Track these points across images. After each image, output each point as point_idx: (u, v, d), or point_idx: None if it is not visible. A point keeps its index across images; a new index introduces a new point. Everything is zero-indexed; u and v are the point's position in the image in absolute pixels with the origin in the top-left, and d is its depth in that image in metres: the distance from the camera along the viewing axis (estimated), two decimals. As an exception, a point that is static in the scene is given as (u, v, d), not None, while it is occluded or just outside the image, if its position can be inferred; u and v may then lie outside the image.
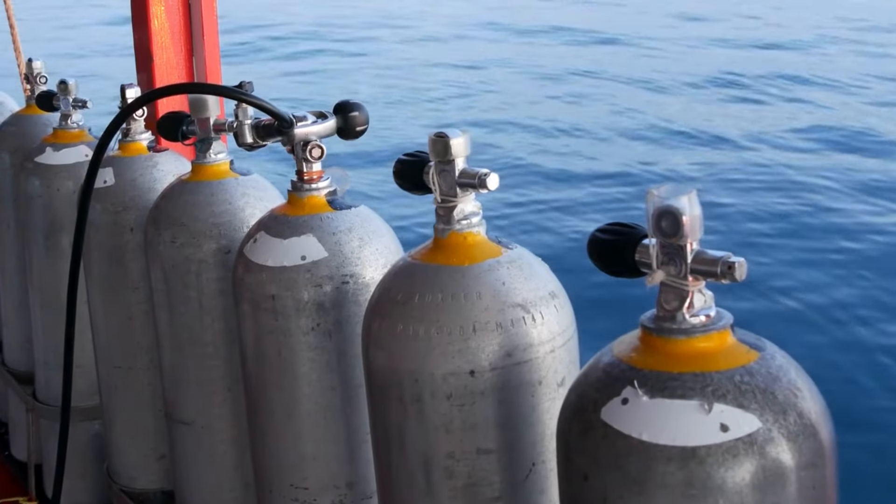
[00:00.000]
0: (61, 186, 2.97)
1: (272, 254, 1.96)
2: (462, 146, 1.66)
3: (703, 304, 1.34)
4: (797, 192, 10.55)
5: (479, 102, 15.60)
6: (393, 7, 25.30)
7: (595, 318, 5.91)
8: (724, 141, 12.69)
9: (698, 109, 14.42)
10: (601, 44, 19.82)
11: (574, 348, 1.68)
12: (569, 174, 11.61)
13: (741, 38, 19.69)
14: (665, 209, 1.31)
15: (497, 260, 1.64)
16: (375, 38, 21.16)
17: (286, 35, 21.54)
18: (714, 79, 16.19)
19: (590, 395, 1.33)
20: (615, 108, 14.71)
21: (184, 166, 2.59)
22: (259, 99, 2.00)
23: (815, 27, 20.54)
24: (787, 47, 18.73)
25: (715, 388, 1.26)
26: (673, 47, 19.04)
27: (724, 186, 10.74)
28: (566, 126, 13.75)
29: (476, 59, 18.65)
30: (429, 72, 17.84)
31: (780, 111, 14.27)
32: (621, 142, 12.98)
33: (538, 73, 17.36)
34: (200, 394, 2.33)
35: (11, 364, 3.47)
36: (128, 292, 2.62)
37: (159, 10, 3.17)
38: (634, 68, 17.19)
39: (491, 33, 21.45)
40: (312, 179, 2.02)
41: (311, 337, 1.94)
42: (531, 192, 10.90)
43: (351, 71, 18.09)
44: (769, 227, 9.63)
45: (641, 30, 20.63)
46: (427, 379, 1.60)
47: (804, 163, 11.65)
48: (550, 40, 20.27)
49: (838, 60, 17.43)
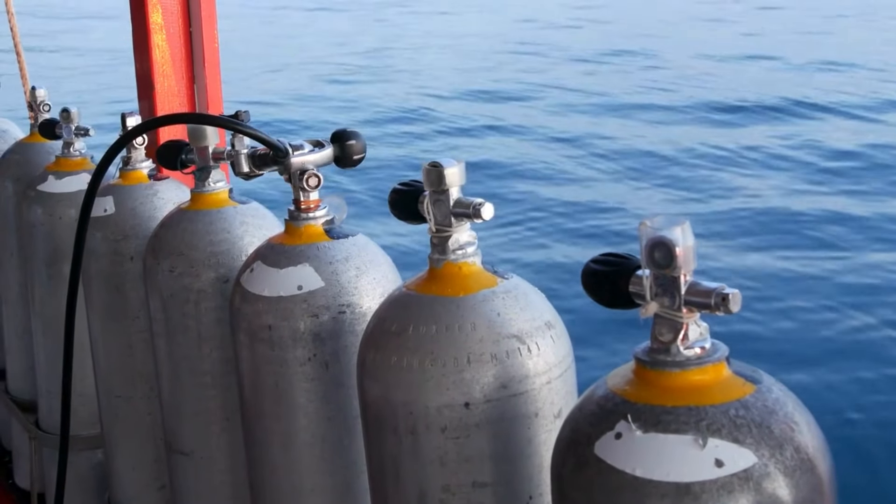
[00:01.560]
0: (63, 214, 2.96)
1: (269, 284, 1.95)
2: (456, 176, 1.65)
3: (697, 336, 1.32)
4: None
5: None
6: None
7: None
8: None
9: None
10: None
11: (571, 379, 1.66)
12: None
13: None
14: (658, 240, 1.29)
15: (492, 290, 1.63)
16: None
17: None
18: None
19: (583, 428, 1.31)
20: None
21: (185, 195, 2.58)
22: (254, 129, 2.00)
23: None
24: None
25: (710, 422, 1.24)
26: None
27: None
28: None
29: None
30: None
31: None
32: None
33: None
34: (199, 424, 2.32)
35: (15, 392, 3.46)
36: (128, 321, 2.62)
37: (160, 39, 3.17)
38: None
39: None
40: (309, 208, 2.01)
41: (308, 367, 1.92)
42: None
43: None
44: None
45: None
46: (421, 411, 1.58)
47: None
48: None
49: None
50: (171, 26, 3.19)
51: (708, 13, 27.50)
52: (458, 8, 31.05)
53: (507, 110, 16.68)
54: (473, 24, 27.46)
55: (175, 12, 3.20)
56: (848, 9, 27.08)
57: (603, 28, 25.92)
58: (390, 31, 26.49)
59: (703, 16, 27.12)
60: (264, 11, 31.07)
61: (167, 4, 3.18)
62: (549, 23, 26.69)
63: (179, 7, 3.20)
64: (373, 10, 30.94)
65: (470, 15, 29.74)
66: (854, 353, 7.59)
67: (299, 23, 29.04)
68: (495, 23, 27.31)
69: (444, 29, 26.63)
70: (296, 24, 28.93)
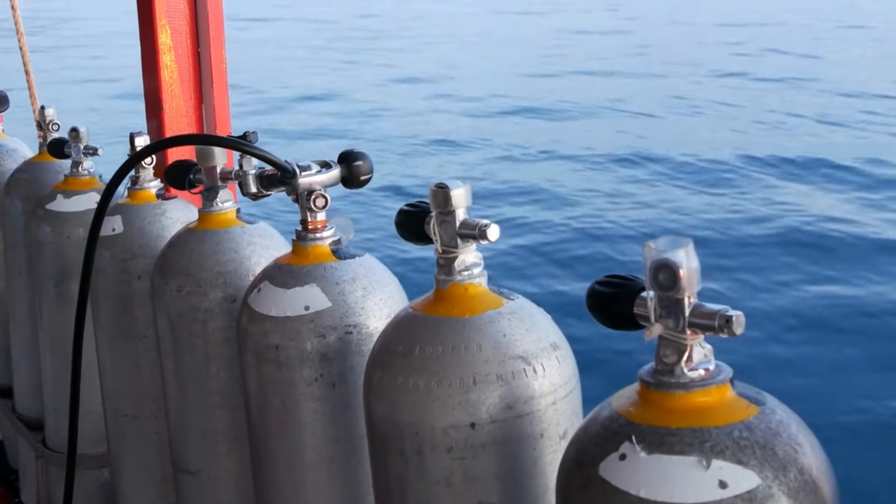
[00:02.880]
0: (72, 233, 2.98)
1: (276, 304, 1.96)
2: (463, 197, 1.66)
3: (701, 358, 1.33)
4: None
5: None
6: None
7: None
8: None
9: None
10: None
11: (577, 400, 1.67)
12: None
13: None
14: (662, 262, 1.30)
15: (498, 311, 1.64)
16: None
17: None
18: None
19: (588, 449, 1.32)
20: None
21: (193, 214, 2.60)
22: (261, 150, 2.01)
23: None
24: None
25: (713, 443, 1.24)
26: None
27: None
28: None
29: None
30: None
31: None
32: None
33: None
34: (206, 443, 2.32)
35: (22, 410, 3.47)
36: (135, 340, 2.63)
37: (169, 60, 3.19)
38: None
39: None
40: (317, 229, 2.02)
41: (315, 387, 1.93)
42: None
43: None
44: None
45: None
46: (427, 432, 1.59)
47: None
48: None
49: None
50: (179, 47, 3.21)
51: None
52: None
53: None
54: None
55: (183, 33, 3.22)
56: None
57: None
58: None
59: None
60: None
61: (176, 25, 3.20)
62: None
63: (188, 28, 3.23)
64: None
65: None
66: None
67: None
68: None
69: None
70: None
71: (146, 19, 3.20)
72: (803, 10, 31.04)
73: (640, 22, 31.30)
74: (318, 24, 31.80)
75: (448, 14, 34.08)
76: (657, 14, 31.07)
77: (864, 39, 26.47)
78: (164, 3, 3.17)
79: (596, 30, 29.35)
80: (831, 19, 30.23)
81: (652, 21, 30.72)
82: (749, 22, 29.68)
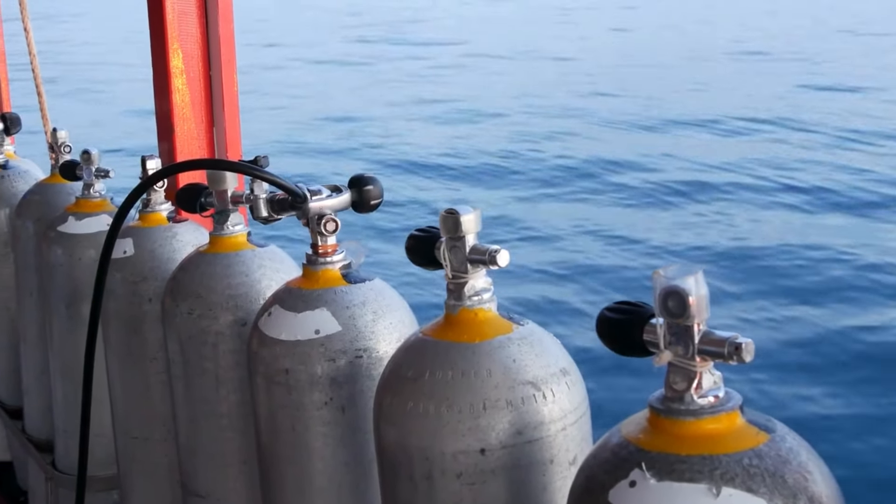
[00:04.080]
0: (83, 255, 2.99)
1: (286, 327, 1.96)
2: (472, 223, 1.67)
3: (711, 385, 1.33)
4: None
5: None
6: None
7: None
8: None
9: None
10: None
11: (586, 426, 1.67)
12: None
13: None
14: (671, 289, 1.31)
15: (508, 336, 1.64)
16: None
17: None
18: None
19: (598, 476, 1.32)
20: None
21: (203, 237, 2.61)
22: (272, 175, 2.02)
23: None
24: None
25: (723, 471, 1.25)
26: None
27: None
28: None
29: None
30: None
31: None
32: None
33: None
34: (215, 466, 2.33)
35: (32, 432, 3.48)
36: (146, 362, 2.63)
37: (181, 83, 3.21)
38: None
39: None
40: (327, 253, 2.03)
41: (325, 411, 1.94)
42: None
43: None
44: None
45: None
46: (437, 457, 1.59)
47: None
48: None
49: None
50: (191, 70, 3.23)
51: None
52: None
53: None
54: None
55: (195, 57, 3.25)
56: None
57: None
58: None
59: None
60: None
61: (188, 49, 3.23)
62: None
63: (200, 52, 3.25)
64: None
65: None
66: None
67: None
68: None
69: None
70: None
71: (158, 43, 3.22)
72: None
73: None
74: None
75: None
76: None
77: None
78: (177, 27, 3.20)
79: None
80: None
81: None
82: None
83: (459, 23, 32.94)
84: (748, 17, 31.53)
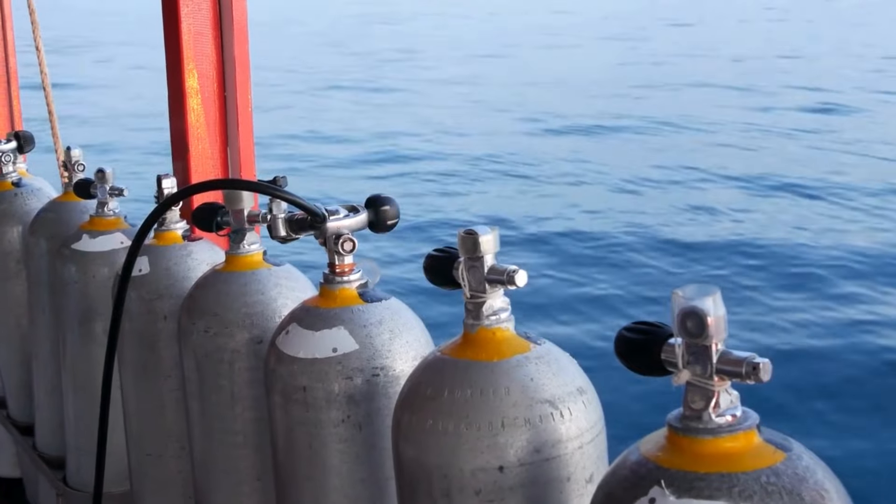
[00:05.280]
0: (97, 273, 3.01)
1: (304, 346, 1.99)
2: (491, 243, 1.69)
3: (729, 404, 1.35)
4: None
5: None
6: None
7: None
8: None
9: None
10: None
11: (602, 444, 1.69)
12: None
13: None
14: (690, 310, 1.33)
15: (525, 356, 1.66)
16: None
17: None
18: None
19: (617, 493, 1.35)
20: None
21: (217, 255, 2.64)
22: (292, 195, 2.05)
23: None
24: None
25: (741, 488, 1.27)
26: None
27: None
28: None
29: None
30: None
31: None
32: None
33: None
34: (230, 483, 2.35)
35: (43, 448, 3.50)
36: (160, 379, 2.66)
37: (196, 104, 3.25)
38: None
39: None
40: (344, 272, 2.06)
41: (342, 429, 1.96)
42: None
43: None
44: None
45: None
46: (456, 474, 1.61)
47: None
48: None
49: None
50: (206, 90, 3.27)
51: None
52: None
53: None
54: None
55: (210, 77, 3.28)
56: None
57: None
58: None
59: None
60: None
61: (203, 69, 3.26)
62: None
63: (215, 72, 3.28)
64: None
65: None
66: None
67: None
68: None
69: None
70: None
71: (174, 63, 3.25)
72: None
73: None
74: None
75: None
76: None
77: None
78: (192, 48, 3.23)
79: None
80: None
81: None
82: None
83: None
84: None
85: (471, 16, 40.72)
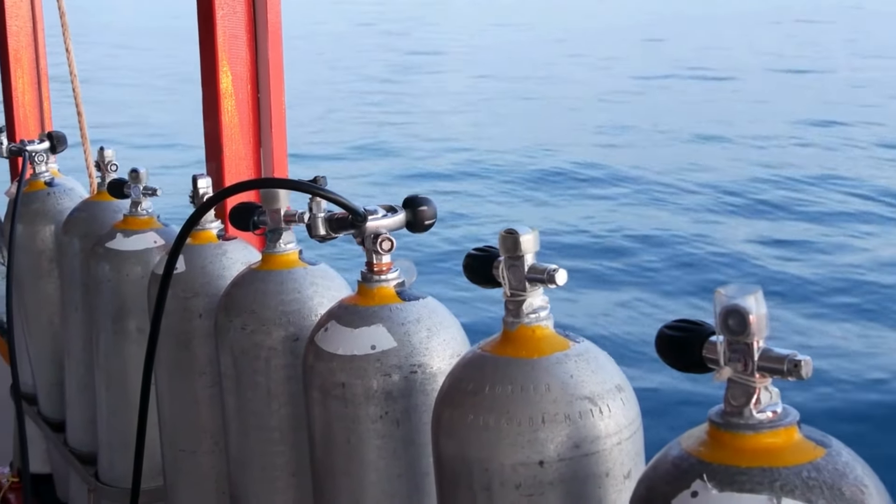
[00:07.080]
0: (130, 272, 3.05)
1: (343, 342, 2.02)
2: (531, 242, 1.72)
3: (769, 401, 1.38)
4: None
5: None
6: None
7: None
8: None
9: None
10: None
11: (639, 441, 1.72)
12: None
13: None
14: (732, 308, 1.36)
15: (565, 353, 1.69)
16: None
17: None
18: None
19: (659, 487, 1.37)
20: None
21: (251, 255, 2.67)
22: (334, 193, 2.08)
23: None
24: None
25: (783, 482, 1.30)
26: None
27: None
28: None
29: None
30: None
31: None
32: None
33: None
34: (265, 478, 2.38)
35: (74, 444, 3.54)
36: (195, 376, 2.69)
37: (230, 105, 3.29)
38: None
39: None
40: (382, 271, 2.09)
41: (380, 424, 1.99)
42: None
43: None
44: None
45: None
46: (497, 468, 1.64)
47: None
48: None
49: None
50: (240, 92, 3.31)
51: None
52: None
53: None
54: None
55: (244, 79, 3.32)
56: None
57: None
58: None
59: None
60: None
61: (237, 71, 3.30)
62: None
63: (248, 74, 3.32)
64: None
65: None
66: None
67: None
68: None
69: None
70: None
71: (208, 64, 3.30)
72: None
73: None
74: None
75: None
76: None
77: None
78: (227, 50, 3.27)
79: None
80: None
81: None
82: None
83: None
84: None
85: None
